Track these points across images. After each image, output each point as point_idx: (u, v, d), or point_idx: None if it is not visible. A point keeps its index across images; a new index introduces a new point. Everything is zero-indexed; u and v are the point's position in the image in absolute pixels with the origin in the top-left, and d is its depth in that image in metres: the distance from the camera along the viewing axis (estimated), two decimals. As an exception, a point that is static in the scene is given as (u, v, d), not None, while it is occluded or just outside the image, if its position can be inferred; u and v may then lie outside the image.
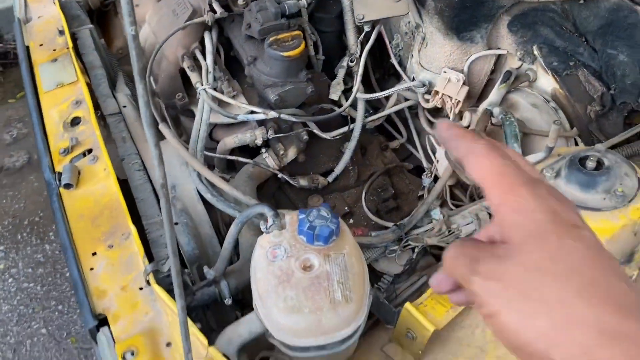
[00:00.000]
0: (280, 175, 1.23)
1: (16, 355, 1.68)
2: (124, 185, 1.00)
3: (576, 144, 1.13)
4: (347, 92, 1.33)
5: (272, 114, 1.13)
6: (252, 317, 0.83)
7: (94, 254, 0.92)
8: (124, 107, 1.20)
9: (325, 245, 0.82)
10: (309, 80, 1.16)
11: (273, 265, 0.83)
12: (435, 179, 1.28)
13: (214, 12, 1.20)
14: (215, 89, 1.16)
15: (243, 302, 0.98)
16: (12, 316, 1.76)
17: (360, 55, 1.26)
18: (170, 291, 0.83)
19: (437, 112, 1.42)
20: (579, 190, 0.86)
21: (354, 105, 1.31)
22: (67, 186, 0.99)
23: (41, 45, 1.32)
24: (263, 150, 1.22)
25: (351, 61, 1.28)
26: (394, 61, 1.35)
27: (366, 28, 1.25)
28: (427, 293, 0.92)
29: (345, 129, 1.31)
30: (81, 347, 1.70)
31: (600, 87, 1.12)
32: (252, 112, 1.14)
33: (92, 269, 0.91)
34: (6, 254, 1.89)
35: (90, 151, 1.05)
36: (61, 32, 1.31)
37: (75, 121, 1.10)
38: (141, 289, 0.88)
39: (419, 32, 1.28)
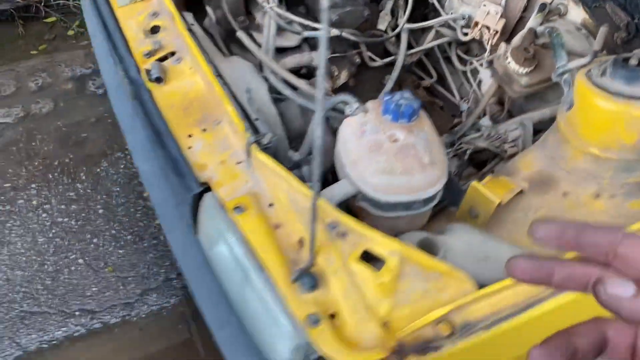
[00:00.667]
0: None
1: (55, 282, 1.74)
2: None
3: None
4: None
5: (335, 31, 1.23)
6: (344, 182, 0.93)
7: (190, 135, 1.01)
8: (192, 24, 1.28)
9: (408, 122, 0.93)
10: (365, 5, 1.27)
11: (363, 139, 0.94)
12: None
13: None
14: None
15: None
16: (49, 247, 1.81)
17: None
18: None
19: (468, 52, 1.55)
20: (624, 84, 0.99)
21: (397, 37, 1.43)
22: (158, 80, 1.07)
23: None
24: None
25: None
26: (434, -2, 1.47)
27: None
28: (486, 179, 1.04)
29: (391, 57, 1.43)
30: (118, 276, 1.77)
31: (625, 17, 1.26)
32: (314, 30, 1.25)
33: (190, 147, 1.00)
34: (38, 192, 1.94)
35: (173, 54, 1.13)
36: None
37: (155, 29, 1.18)
38: (238, 163, 0.97)
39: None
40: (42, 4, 2.43)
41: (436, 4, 1.47)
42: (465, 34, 1.43)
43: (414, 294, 0.80)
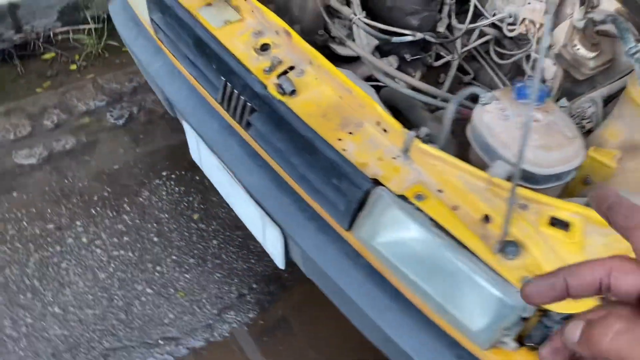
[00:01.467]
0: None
1: (129, 315, 1.71)
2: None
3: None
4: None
5: (419, 35, 1.35)
6: (500, 163, 1.04)
7: (339, 139, 1.08)
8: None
9: (541, 104, 1.06)
10: (436, 9, 1.40)
11: (508, 122, 1.06)
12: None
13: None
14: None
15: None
16: (113, 282, 1.77)
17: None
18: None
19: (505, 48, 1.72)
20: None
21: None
22: (293, 93, 1.13)
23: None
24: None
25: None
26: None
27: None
28: (590, 149, 1.19)
29: (449, 57, 1.56)
30: (191, 299, 1.76)
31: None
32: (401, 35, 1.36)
33: (344, 149, 1.07)
34: (85, 229, 1.89)
35: (292, 68, 1.20)
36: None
37: (264, 47, 1.24)
38: (394, 158, 1.05)
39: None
40: (40, 40, 2.36)
41: (478, 5, 1.62)
42: (511, 30, 1.59)
43: (597, 247, 0.92)
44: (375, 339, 1.20)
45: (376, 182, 1.02)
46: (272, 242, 1.42)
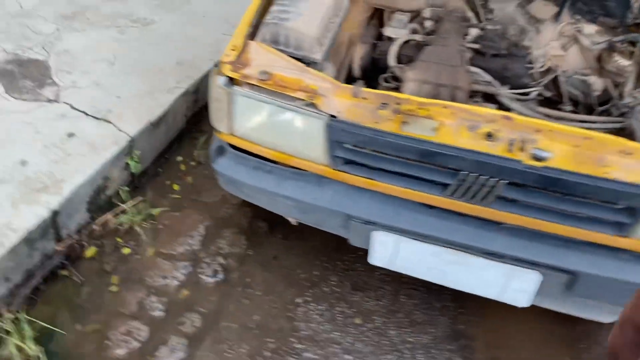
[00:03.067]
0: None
1: None
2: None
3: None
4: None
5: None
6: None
7: (605, 172, 1.45)
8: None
9: None
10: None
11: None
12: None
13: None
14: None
15: None
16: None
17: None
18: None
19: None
20: None
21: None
22: (544, 157, 1.46)
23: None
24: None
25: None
26: None
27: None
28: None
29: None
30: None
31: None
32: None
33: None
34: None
35: (523, 141, 1.51)
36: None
37: (489, 135, 1.52)
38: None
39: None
40: (81, 239, 2.14)
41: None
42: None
43: None
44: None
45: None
46: (519, 288, 1.69)
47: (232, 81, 1.74)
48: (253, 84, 1.71)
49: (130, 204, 2.30)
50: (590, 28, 2.10)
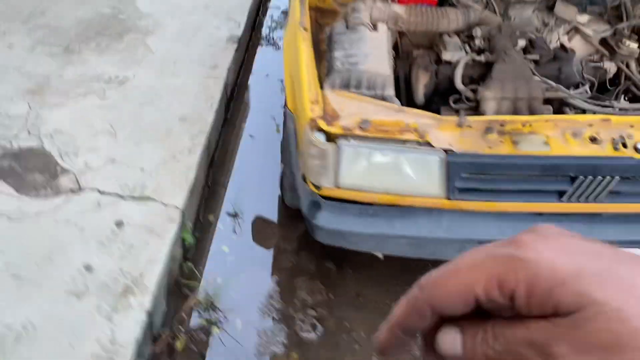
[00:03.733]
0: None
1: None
2: None
3: None
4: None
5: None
6: None
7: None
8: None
9: None
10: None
11: None
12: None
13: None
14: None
15: None
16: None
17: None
18: None
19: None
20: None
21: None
22: (652, 147, 1.66)
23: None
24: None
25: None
26: None
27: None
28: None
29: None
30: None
31: None
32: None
33: None
34: None
35: (622, 137, 1.70)
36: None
37: (593, 138, 1.69)
38: None
39: None
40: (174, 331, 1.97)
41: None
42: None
43: None
44: None
45: None
46: None
47: (327, 135, 1.72)
48: (356, 134, 1.71)
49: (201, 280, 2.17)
50: (583, 17, 2.37)
